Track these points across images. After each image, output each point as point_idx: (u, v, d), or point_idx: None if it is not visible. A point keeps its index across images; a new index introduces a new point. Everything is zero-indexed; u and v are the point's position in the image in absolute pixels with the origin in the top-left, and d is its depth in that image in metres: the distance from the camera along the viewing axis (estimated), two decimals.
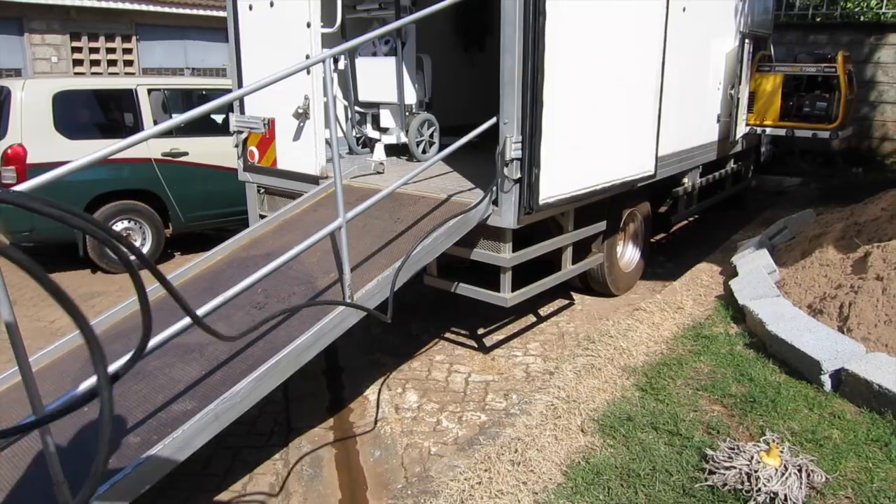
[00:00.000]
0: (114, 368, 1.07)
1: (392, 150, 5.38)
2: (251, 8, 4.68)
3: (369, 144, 5.51)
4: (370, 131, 5.56)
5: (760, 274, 4.74)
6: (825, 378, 3.44)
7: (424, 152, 5.29)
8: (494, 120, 3.90)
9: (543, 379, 3.99)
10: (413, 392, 4.03)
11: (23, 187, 1.83)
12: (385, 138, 5.37)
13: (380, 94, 5.33)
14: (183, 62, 15.00)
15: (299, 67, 3.05)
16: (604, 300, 5.54)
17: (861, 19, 11.07)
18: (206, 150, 6.66)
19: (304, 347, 2.90)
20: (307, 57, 4.26)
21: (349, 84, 5.43)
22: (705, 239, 7.22)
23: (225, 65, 14.30)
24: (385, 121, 5.44)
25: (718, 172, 7.13)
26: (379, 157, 4.99)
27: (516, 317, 5.09)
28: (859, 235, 4.68)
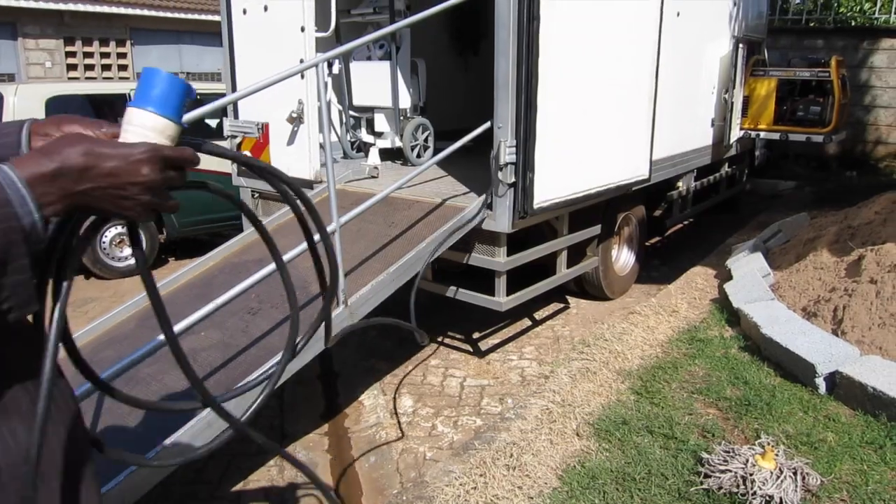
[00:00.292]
0: None
1: (386, 155, 5.38)
2: (245, 12, 4.67)
3: (364, 149, 5.51)
4: (365, 135, 5.55)
5: (755, 277, 4.74)
6: (820, 381, 3.45)
7: (419, 156, 5.29)
8: (489, 124, 3.90)
9: (539, 383, 3.99)
10: (408, 397, 4.02)
11: None
12: (379, 142, 5.36)
13: (374, 99, 5.33)
14: (178, 66, 14.97)
15: (293, 72, 3.05)
16: (599, 304, 5.54)
17: (853, 24, 11.13)
18: (201, 155, 6.63)
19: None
20: (301, 61, 4.25)
21: (344, 88, 5.43)
22: (700, 242, 7.24)
23: (219, 69, 14.29)
24: (379, 125, 5.44)
25: (713, 176, 7.15)
26: (373, 162, 4.99)
27: (511, 321, 5.09)
28: (853, 239, 4.69)
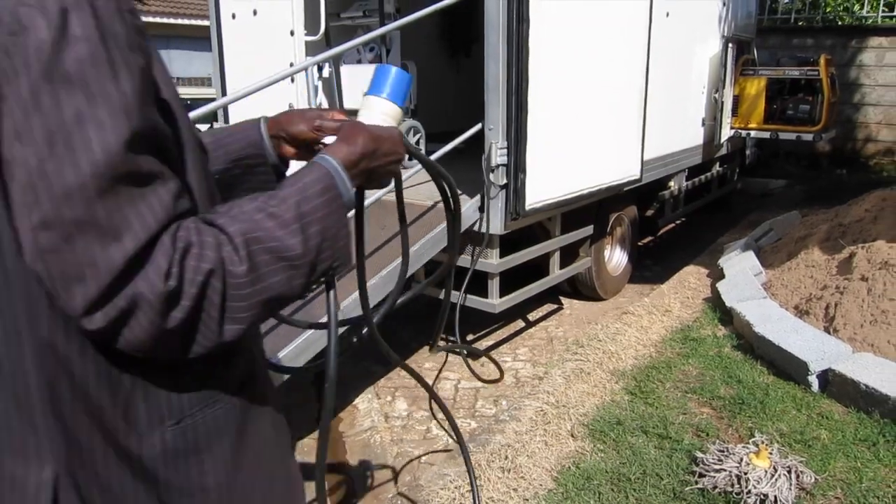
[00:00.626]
0: None
1: None
2: (234, 16, 4.66)
3: None
4: None
5: (747, 276, 4.76)
6: (812, 379, 3.46)
7: (410, 159, 5.28)
8: (480, 126, 3.90)
9: (533, 384, 3.99)
10: (403, 400, 4.01)
11: None
12: None
13: None
14: None
15: (283, 75, 3.05)
16: (592, 304, 5.54)
17: (841, 23, 11.19)
18: None
19: (291, 359, 2.88)
20: (291, 65, 4.24)
21: (334, 92, 5.42)
22: (692, 242, 7.25)
23: (209, 74, 14.25)
24: None
25: (704, 175, 7.17)
26: None
27: (505, 322, 5.08)
28: (844, 236, 4.71)
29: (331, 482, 3.28)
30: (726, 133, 6.96)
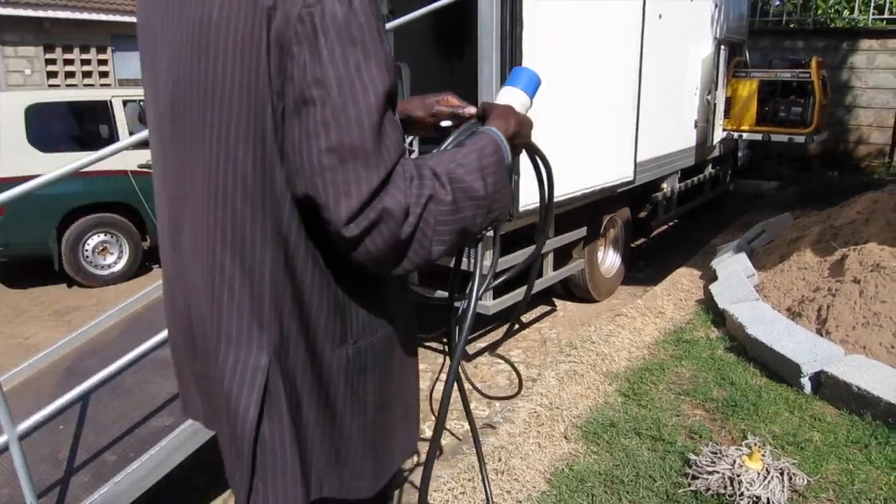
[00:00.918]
0: None
1: None
2: None
3: None
4: None
5: (739, 278, 4.77)
6: (805, 381, 3.47)
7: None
8: None
9: (526, 386, 3.98)
10: None
11: None
12: None
13: None
14: None
15: None
16: (585, 306, 5.55)
17: (833, 26, 11.26)
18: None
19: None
20: None
21: None
22: (685, 243, 7.28)
23: None
24: None
25: (697, 177, 7.20)
26: None
27: (498, 324, 5.08)
28: (836, 238, 4.73)
29: None
30: (719, 135, 6.98)
